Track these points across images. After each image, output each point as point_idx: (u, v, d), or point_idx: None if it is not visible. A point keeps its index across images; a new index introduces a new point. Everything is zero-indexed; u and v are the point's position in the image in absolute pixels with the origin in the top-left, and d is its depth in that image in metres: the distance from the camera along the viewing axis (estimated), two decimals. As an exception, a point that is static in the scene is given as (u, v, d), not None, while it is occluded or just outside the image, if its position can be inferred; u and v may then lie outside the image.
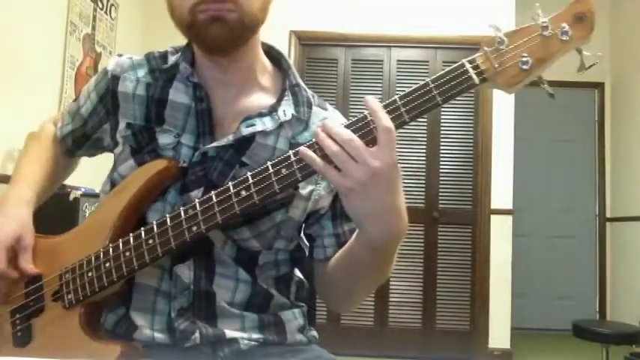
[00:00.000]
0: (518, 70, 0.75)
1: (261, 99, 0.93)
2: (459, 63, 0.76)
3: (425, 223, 3.99)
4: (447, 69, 0.75)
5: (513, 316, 3.95)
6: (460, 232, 4.01)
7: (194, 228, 0.79)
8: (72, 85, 3.22)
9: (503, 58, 0.75)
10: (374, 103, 0.73)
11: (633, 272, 4.39)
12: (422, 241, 3.97)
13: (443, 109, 3.97)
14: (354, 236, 0.86)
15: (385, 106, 0.74)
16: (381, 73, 4.12)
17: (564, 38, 0.74)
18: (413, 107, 0.74)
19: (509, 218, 3.97)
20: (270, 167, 0.76)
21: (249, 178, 0.77)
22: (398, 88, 4.08)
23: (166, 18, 0.90)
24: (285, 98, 0.93)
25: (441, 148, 4.04)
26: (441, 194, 4.03)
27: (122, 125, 0.93)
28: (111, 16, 3.66)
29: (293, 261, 0.98)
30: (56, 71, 3.09)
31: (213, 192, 0.79)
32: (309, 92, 0.99)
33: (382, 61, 4.13)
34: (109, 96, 0.95)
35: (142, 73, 0.94)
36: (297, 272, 1.01)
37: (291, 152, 0.76)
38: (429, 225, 3.99)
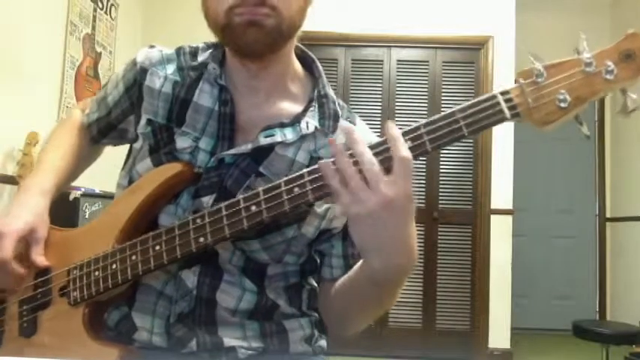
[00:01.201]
0: (554, 107, 0.69)
1: (288, 107, 0.90)
2: (491, 94, 0.70)
3: (425, 223, 3.99)
4: (478, 99, 0.70)
5: (513, 316, 3.95)
6: (460, 232, 4.01)
7: (201, 239, 0.77)
8: (72, 85, 3.22)
9: (540, 93, 0.69)
10: (393, 130, 0.69)
11: (633, 272, 4.39)
12: (422, 241, 3.96)
13: (443, 109, 3.96)
14: (358, 265, 0.83)
15: (408, 132, 0.70)
16: (381, 73, 4.12)
17: (609, 77, 0.68)
18: (437, 137, 0.70)
19: (509, 218, 3.97)
20: (282, 184, 0.74)
21: (261, 193, 0.75)
22: (398, 88, 4.08)
23: (166, 18, 0.90)
24: (311, 109, 0.89)
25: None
26: (441, 194, 4.03)
27: (143, 121, 0.91)
28: (111, 16, 3.66)
29: (303, 273, 0.94)
30: (56, 71, 3.10)
31: (223, 204, 0.77)
32: (340, 103, 0.95)
33: (382, 61, 4.13)
34: (136, 88, 0.93)
35: (170, 69, 0.92)
36: (311, 280, 0.96)
37: (305, 171, 0.73)
38: (429, 225, 3.99)
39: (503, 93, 0.70)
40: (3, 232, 0.85)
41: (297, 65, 0.94)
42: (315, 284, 0.96)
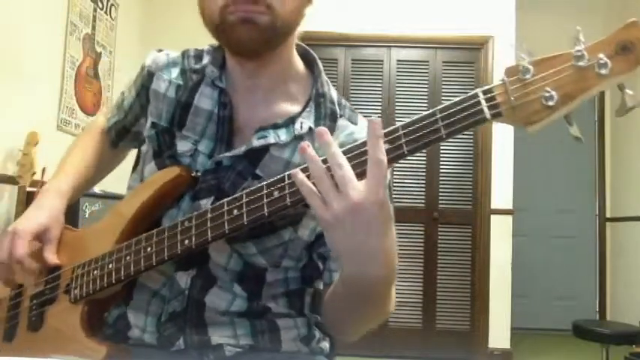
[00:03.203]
0: (540, 105, 0.63)
1: (286, 107, 0.89)
2: (473, 92, 0.65)
3: (425, 223, 3.99)
4: (460, 98, 0.65)
5: (513, 316, 3.95)
6: (460, 232, 4.01)
7: (186, 242, 0.78)
8: (72, 86, 3.22)
9: (525, 91, 0.63)
10: (375, 129, 0.63)
11: (633, 272, 4.39)
12: (422, 241, 3.97)
13: (443, 109, 3.96)
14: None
15: (387, 134, 0.66)
16: (381, 73, 4.12)
17: (603, 72, 0.61)
18: (414, 139, 0.65)
19: (509, 218, 3.97)
20: (264, 187, 0.72)
21: (244, 196, 0.73)
22: (398, 88, 4.08)
23: (166, 18, 0.90)
24: (307, 109, 0.88)
25: (441, 148, 4.04)
26: (441, 194, 4.03)
27: (148, 123, 0.93)
28: (111, 16, 3.66)
29: (305, 279, 0.93)
30: (56, 71, 3.09)
31: (210, 207, 0.78)
32: (342, 103, 0.93)
33: (382, 61, 4.13)
34: (144, 92, 0.96)
35: (175, 73, 0.93)
36: (315, 284, 0.95)
37: (286, 174, 0.70)
38: (429, 225, 3.99)
39: (485, 92, 0.64)
40: (18, 232, 0.90)
41: (298, 65, 0.93)
42: (320, 287, 0.95)
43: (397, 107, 4.06)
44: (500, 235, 3.94)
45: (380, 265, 0.68)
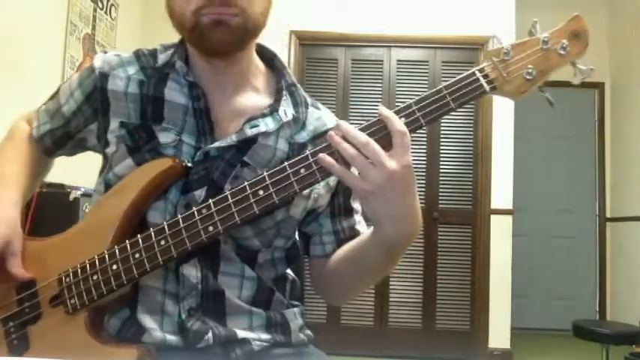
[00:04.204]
0: (523, 80, 0.80)
1: (255, 99, 0.93)
2: (470, 71, 0.80)
3: (425, 223, 3.98)
4: (459, 77, 0.80)
5: (513, 316, 3.95)
6: (460, 232, 4.01)
7: (210, 228, 0.79)
8: (72, 85, 3.22)
9: (510, 69, 0.80)
10: (386, 110, 0.77)
11: (633, 272, 4.39)
12: (422, 241, 3.96)
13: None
14: (366, 235, 0.88)
15: (400, 110, 0.78)
16: (381, 73, 4.12)
17: (562, 52, 0.80)
18: (429, 112, 0.78)
19: (509, 218, 3.97)
20: (287, 167, 0.78)
21: (267, 178, 0.78)
22: (398, 88, 4.08)
23: (166, 18, 0.90)
24: (284, 98, 0.93)
25: (441, 148, 4.04)
26: (441, 194, 4.03)
27: (115, 124, 0.90)
28: (111, 16, 3.66)
29: (288, 259, 0.98)
30: (56, 71, 3.09)
31: (228, 192, 0.79)
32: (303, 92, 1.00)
33: (382, 61, 4.13)
34: (98, 94, 0.92)
35: (132, 70, 0.92)
36: (289, 271, 1.01)
37: (308, 152, 0.78)
38: (429, 225, 3.99)
39: (480, 70, 0.80)
40: None
41: (257, 61, 0.98)
42: (294, 275, 1.01)
43: (397, 107, 4.05)
44: (500, 235, 3.94)
45: (415, 220, 0.79)
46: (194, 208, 0.80)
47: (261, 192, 0.78)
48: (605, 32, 4.81)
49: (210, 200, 0.79)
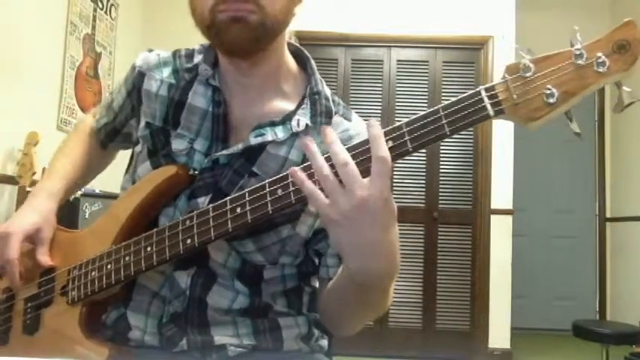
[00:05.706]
0: (542, 103, 0.64)
1: (280, 105, 0.90)
2: (476, 90, 0.67)
3: (425, 223, 3.99)
4: (461, 96, 0.67)
5: (513, 316, 3.95)
6: (460, 232, 4.01)
7: (188, 241, 0.78)
8: (72, 85, 3.22)
9: (526, 89, 0.65)
10: (374, 129, 0.65)
11: (633, 272, 4.39)
12: (422, 241, 3.97)
13: (443, 109, 3.96)
14: (341, 267, 0.82)
15: (390, 132, 0.67)
16: (381, 73, 4.12)
17: (601, 70, 0.64)
18: (418, 136, 0.67)
19: (509, 218, 3.97)
20: (267, 186, 0.72)
21: (246, 195, 0.74)
22: (398, 89, 4.08)
23: (166, 18, 0.90)
24: (303, 107, 0.89)
25: (441, 148, 4.04)
26: (441, 194, 4.03)
27: (142, 124, 0.93)
28: (111, 16, 3.66)
29: (301, 275, 0.93)
30: (56, 71, 3.09)
31: (211, 205, 0.78)
32: (336, 100, 0.94)
33: (382, 61, 4.13)
34: (135, 92, 0.96)
35: (166, 72, 0.93)
36: (312, 282, 0.96)
37: (288, 172, 0.70)
38: (429, 225, 3.99)
39: (488, 89, 0.66)
40: (9, 232, 0.89)
41: (290, 63, 0.94)
42: (315, 284, 0.96)
43: (397, 107, 4.06)
44: (500, 235, 3.94)
45: (384, 259, 0.69)
46: (180, 219, 0.80)
47: (238, 209, 0.74)
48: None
49: (195, 212, 0.79)
